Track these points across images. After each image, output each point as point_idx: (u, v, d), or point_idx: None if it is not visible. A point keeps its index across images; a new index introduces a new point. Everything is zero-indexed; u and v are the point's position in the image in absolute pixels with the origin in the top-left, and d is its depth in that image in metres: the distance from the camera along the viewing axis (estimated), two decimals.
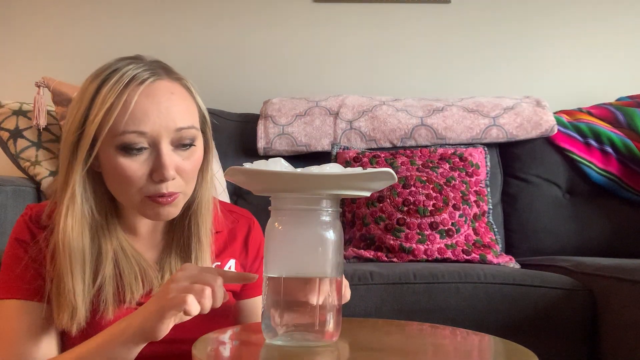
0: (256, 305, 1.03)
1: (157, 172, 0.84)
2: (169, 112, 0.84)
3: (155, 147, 0.84)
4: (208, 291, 0.74)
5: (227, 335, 0.82)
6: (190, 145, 0.87)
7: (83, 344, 0.81)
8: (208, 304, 0.74)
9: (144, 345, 0.79)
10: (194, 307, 0.72)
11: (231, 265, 0.99)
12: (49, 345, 0.86)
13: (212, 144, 0.95)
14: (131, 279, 0.88)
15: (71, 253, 0.84)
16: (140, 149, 0.84)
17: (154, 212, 0.87)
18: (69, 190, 0.85)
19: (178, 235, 0.94)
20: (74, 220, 0.85)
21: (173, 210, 0.88)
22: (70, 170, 0.85)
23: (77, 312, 0.83)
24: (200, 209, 0.93)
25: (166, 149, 0.84)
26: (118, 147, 0.83)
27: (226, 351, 0.77)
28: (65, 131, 0.86)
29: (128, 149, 0.83)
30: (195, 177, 0.91)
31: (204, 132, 0.92)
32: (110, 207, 0.90)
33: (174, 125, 0.84)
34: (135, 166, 0.84)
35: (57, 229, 0.84)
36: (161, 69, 0.88)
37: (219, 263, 0.98)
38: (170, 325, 0.76)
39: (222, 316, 0.98)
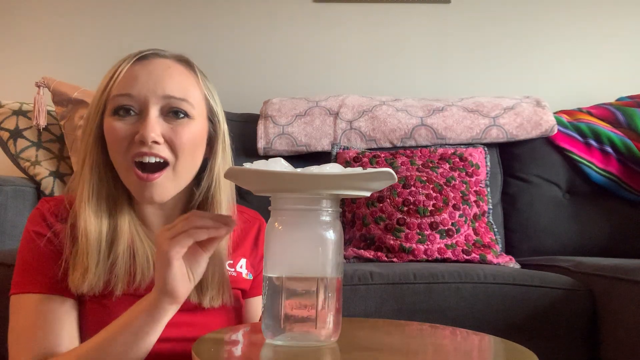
0: (260, 304, 1.03)
1: (140, 134, 0.84)
2: (160, 79, 0.87)
3: (143, 112, 0.86)
4: (202, 222, 0.76)
5: (227, 335, 0.82)
6: (184, 116, 0.87)
7: (108, 326, 0.81)
8: (203, 234, 0.76)
9: (171, 311, 0.79)
10: (194, 236, 0.75)
11: (242, 264, 1.00)
12: (70, 337, 0.86)
13: (222, 133, 0.94)
14: (143, 261, 0.88)
15: (88, 218, 0.85)
16: (129, 111, 0.86)
17: (140, 190, 0.86)
18: (87, 166, 0.88)
19: None
20: (92, 190, 0.87)
21: (159, 191, 0.87)
22: (99, 126, 0.88)
23: (89, 272, 0.84)
24: (214, 204, 0.93)
25: (153, 113, 0.85)
26: (111, 112, 0.87)
27: (226, 351, 0.77)
28: (94, 99, 0.90)
29: (117, 112, 0.86)
30: (193, 157, 0.90)
31: (212, 121, 0.93)
32: (126, 200, 0.91)
33: (162, 92, 0.86)
34: (123, 127, 0.85)
35: (78, 202, 0.86)
36: (175, 56, 0.92)
37: (232, 261, 0.98)
38: (182, 281, 0.76)
39: (233, 316, 0.98)
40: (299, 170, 0.70)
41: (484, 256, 1.63)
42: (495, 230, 1.78)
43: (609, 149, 1.93)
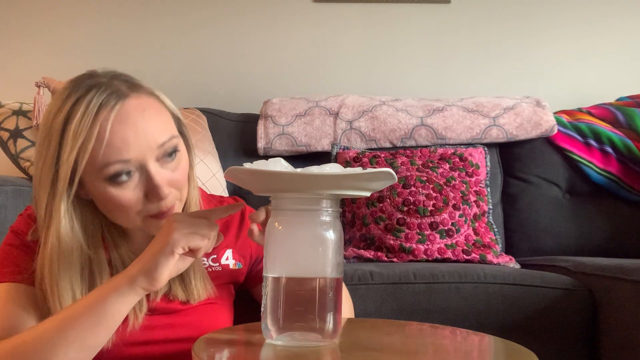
0: None
1: (151, 193, 0.83)
2: (147, 131, 0.82)
3: (142, 169, 0.83)
4: (214, 233, 0.79)
5: (227, 336, 0.82)
6: (175, 152, 0.86)
7: (72, 305, 0.81)
8: (210, 246, 0.80)
9: (141, 295, 0.79)
10: (204, 245, 0.78)
11: (228, 255, 1.00)
12: (29, 327, 0.85)
13: (191, 142, 0.94)
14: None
15: (60, 296, 0.83)
16: (129, 173, 0.82)
17: (158, 226, 0.86)
18: (53, 227, 0.83)
19: None
20: (61, 262, 0.83)
21: None
22: (51, 208, 0.83)
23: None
24: (189, 208, 0.93)
25: (154, 168, 0.83)
26: (105, 179, 0.82)
27: (226, 351, 0.77)
28: (39, 169, 0.83)
29: (116, 179, 0.81)
30: (187, 181, 0.90)
31: (181, 133, 0.91)
32: (103, 222, 0.90)
33: (156, 143, 0.83)
34: (129, 193, 0.83)
35: (42, 264, 0.84)
36: (122, 85, 0.84)
37: (215, 256, 0.98)
38: (169, 272, 0.77)
39: (224, 310, 0.98)
40: (299, 170, 0.70)
41: (484, 256, 1.63)
42: (495, 230, 1.78)
43: (609, 149, 1.93)
